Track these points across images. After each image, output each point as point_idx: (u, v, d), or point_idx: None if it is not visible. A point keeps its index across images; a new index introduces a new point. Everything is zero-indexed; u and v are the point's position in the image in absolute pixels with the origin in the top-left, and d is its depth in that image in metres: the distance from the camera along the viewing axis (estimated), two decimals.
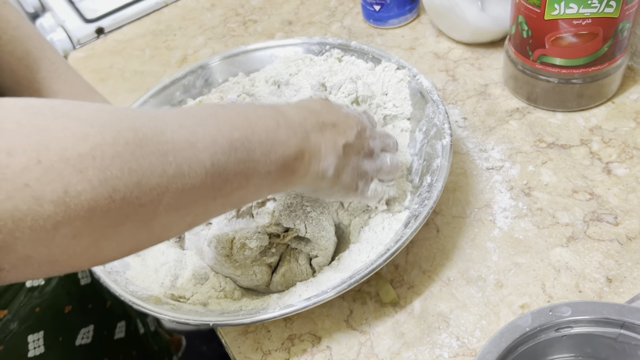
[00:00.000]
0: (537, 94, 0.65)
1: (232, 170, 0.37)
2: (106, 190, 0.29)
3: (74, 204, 0.28)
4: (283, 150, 0.41)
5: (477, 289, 0.52)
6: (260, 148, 0.39)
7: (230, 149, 0.37)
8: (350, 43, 0.67)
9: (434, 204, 0.49)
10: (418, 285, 0.53)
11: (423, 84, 0.59)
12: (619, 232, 0.53)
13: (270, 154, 0.40)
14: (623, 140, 0.61)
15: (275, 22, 0.91)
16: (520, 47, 0.63)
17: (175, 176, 0.33)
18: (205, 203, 0.37)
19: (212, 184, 0.36)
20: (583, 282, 0.50)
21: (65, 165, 0.28)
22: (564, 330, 0.39)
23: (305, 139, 0.43)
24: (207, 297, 0.52)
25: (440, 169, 0.52)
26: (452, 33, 0.77)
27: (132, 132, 0.31)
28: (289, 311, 0.45)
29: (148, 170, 0.31)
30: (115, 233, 0.31)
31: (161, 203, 0.32)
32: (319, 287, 0.48)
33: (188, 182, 0.34)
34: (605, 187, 0.57)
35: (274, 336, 0.52)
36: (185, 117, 0.36)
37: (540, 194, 0.58)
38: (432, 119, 0.56)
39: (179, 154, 0.33)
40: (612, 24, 0.57)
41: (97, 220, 0.29)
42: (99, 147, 0.29)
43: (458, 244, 0.55)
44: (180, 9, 1.00)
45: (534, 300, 0.50)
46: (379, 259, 0.46)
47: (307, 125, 0.44)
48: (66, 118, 0.29)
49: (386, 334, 0.51)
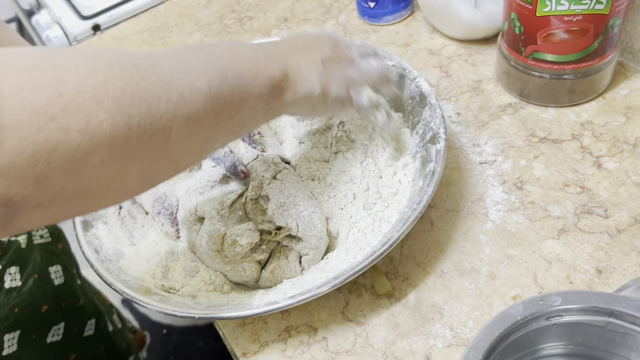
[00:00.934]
0: (529, 89, 0.66)
1: (227, 94, 0.40)
2: (123, 119, 0.31)
3: (97, 133, 0.30)
4: (268, 72, 0.44)
5: (470, 280, 0.53)
6: (247, 72, 0.42)
7: (221, 75, 0.40)
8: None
9: (423, 209, 0.49)
10: (412, 278, 0.54)
11: (422, 87, 0.59)
12: (609, 224, 0.54)
13: (257, 77, 0.43)
14: (613, 134, 0.62)
15: (271, 18, 0.92)
16: (513, 43, 0.64)
17: (179, 103, 0.35)
18: (209, 128, 0.39)
19: (213, 108, 0.38)
20: (574, 274, 0.51)
21: (84, 97, 0.30)
22: (554, 318, 0.40)
23: (284, 62, 0.46)
24: (197, 290, 0.53)
25: (433, 174, 0.52)
26: (445, 29, 0.78)
27: (134, 67, 0.34)
28: (272, 308, 0.46)
29: (155, 99, 0.33)
30: (136, 160, 0.33)
31: (172, 129, 0.35)
32: (304, 285, 0.49)
33: (192, 107, 0.36)
34: (596, 180, 0.58)
35: (271, 328, 0.53)
36: (174, 52, 0.39)
37: (532, 188, 0.59)
38: (428, 122, 0.57)
39: (178, 82, 0.36)
40: (603, 21, 0.58)
41: (120, 148, 0.31)
42: (109, 79, 0.31)
43: (452, 237, 0.56)
44: (176, 5, 1.01)
45: (525, 291, 0.51)
46: (365, 260, 0.46)
47: (281, 51, 0.47)
48: (75, 57, 0.32)
49: (381, 324, 0.51)
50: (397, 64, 0.62)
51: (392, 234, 0.48)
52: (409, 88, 0.61)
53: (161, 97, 0.34)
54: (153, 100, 0.33)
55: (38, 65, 0.30)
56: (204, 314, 0.47)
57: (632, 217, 0.54)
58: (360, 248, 0.51)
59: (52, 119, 0.28)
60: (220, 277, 0.54)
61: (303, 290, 0.46)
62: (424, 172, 0.54)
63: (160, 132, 0.34)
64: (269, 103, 0.45)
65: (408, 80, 0.61)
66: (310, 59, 0.48)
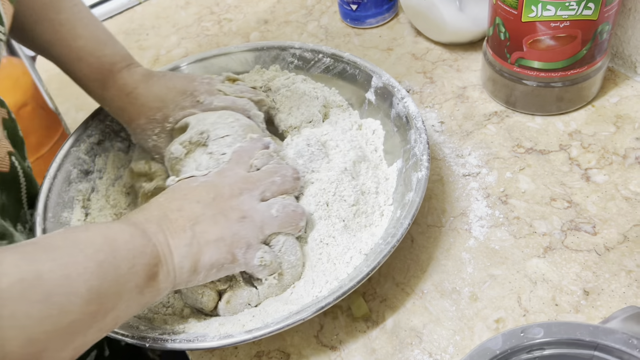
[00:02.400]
0: (515, 97, 0.64)
1: (104, 293, 0.38)
2: (10, 341, 0.31)
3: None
4: (143, 259, 0.41)
5: (451, 302, 0.50)
6: (125, 263, 0.40)
7: (99, 271, 0.38)
8: (343, 54, 0.63)
9: (397, 243, 0.46)
10: (391, 299, 0.51)
11: (409, 109, 0.56)
12: (597, 242, 0.52)
13: (134, 267, 0.40)
14: (602, 145, 0.59)
15: (251, 20, 0.89)
16: (498, 50, 0.62)
17: (59, 317, 0.34)
18: (85, 333, 0.37)
19: (89, 312, 0.37)
20: (560, 295, 0.49)
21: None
22: (535, 352, 0.37)
23: (155, 241, 0.43)
24: (154, 313, 0.50)
25: (411, 204, 0.49)
26: (430, 33, 0.75)
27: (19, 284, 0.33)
28: (227, 342, 0.43)
29: (37, 323, 0.33)
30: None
31: (47, 348, 0.33)
32: (265, 318, 0.46)
33: (70, 318, 0.35)
34: (584, 194, 0.55)
35: (241, 353, 0.50)
36: (52, 248, 0.37)
37: (517, 202, 0.56)
38: (412, 147, 0.54)
39: (59, 290, 0.34)
40: (591, 27, 0.55)
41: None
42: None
43: (433, 255, 0.54)
44: (154, 7, 0.97)
45: (509, 314, 0.48)
46: (330, 296, 0.44)
47: (151, 227, 0.43)
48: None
49: (357, 350, 0.49)
50: (386, 81, 0.59)
51: (362, 268, 0.46)
52: (396, 108, 0.58)
53: (43, 320, 0.33)
54: (34, 326, 0.33)
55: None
56: (153, 344, 0.44)
57: (621, 234, 0.52)
58: (327, 281, 0.48)
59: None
60: (179, 301, 0.51)
61: (262, 325, 0.44)
62: (403, 201, 0.51)
63: (31, 356, 0.33)
64: (143, 292, 0.41)
65: (396, 100, 0.58)
66: (181, 228, 0.44)
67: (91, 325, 0.37)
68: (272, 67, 0.66)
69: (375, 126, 0.60)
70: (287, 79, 0.63)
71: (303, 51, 0.66)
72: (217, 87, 0.58)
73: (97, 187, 0.62)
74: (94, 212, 0.60)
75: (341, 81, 0.64)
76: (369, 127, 0.60)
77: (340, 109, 0.62)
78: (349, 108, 0.63)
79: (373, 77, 0.61)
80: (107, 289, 0.38)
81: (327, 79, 0.65)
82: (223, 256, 0.45)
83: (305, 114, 0.60)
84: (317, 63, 0.65)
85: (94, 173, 0.62)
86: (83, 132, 0.63)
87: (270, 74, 0.65)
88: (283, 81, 0.63)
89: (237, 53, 0.68)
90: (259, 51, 0.67)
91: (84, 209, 0.59)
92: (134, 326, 0.47)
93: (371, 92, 0.61)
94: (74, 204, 0.59)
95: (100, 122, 0.64)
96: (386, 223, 0.52)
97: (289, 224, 0.48)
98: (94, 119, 0.64)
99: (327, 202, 0.53)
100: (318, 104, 0.61)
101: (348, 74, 0.63)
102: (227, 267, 0.46)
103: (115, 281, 0.38)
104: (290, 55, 0.66)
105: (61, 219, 0.57)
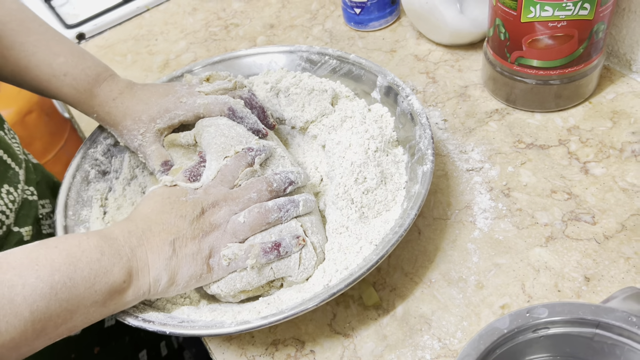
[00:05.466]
0: (515, 95, 0.66)
1: (54, 311, 0.41)
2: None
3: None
4: (108, 278, 0.44)
5: (458, 290, 0.52)
6: (83, 283, 0.43)
7: (50, 293, 0.41)
8: (349, 56, 0.66)
9: (404, 232, 0.49)
10: (400, 288, 0.54)
11: (414, 106, 0.58)
12: (597, 231, 0.54)
13: (94, 286, 0.43)
14: (600, 139, 0.62)
15: (257, 25, 0.91)
16: (498, 49, 0.64)
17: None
18: (27, 346, 0.41)
19: (33, 330, 0.40)
20: (562, 282, 0.51)
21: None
22: (541, 331, 0.40)
23: (131, 257, 0.46)
24: (172, 304, 0.52)
25: (417, 196, 0.51)
26: (431, 35, 0.78)
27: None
28: (244, 328, 0.46)
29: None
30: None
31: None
32: (279, 305, 0.48)
33: (7, 337, 0.39)
34: (583, 186, 0.58)
35: (258, 341, 0.52)
36: (6, 268, 0.41)
37: (519, 195, 0.58)
38: (417, 142, 0.56)
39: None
40: (587, 26, 0.58)
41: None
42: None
43: (439, 246, 0.56)
44: (161, 13, 1.00)
45: (514, 300, 0.51)
46: (341, 283, 0.46)
47: (132, 241, 0.47)
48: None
49: (369, 336, 0.51)
50: (391, 80, 0.61)
51: (371, 257, 0.48)
52: (401, 105, 0.60)
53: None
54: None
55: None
56: (173, 330, 0.47)
57: (619, 224, 0.54)
58: (337, 269, 0.50)
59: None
60: (194, 291, 0.54)
61: (277, 311, 0.46)
62: (409, 193, 0.53)
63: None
64: (107, 305, 0.45)
65: (400, 98, 0.60)
66: (161, 244, 0.47)
67: (37, 338, 0.41)
68: (279, 69, 0.69)
69: (383, 111, 0.62)
70: (294, 77, 0.66)
71: (310, 54, 0.68)
72: (197, 89, 0.61)
73: (114, 187, 0.64)
74: (111, 210, 0.62)
75: (347, 81, 0.66)
76: (377, 112, 0.62)
77: (348, 99, 0.65)
78: (356, 98, 0.65)
79: (378, 77, 0.63)
80: (57, 308, 0.41)
81: (333, 80, 0.67)
82: (200, 267, 0.49)
83: (317, 109, 0.63)
84: (323, 65, 0.68)
85: (110, 173, 0.65)
86: (99, 134, 0.65)
87: (277, 75, 0.67)
88: (290, 80, 0.65)
89: (246, 57, 0.70)
90: (272, 54, 0.70)
91: (102, 208, 0.61)
92: (154, 316, 0.49)
93: (376, 92, 0.63)
94: (93, 203, 0.61)
95: None
96: (399, 209, 0.54)
97: (259, 225, 0.50)
98: None
99: (346, 191, 0.55)
100: (328, 96, 0.63)
101: (354, 75, 0.66)
102: (205, 277, 0.49)
103: (67, 301, 0.42)
104: (298, 57, 0.69)
105: (81, 217, 0.59)
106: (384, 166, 0.57)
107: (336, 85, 0.66)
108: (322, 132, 0.62)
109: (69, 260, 0.43)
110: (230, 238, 0.50)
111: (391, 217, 0.53)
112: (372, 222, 0.54)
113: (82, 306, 0.43)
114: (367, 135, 0.58)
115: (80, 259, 0.43)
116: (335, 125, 0.61)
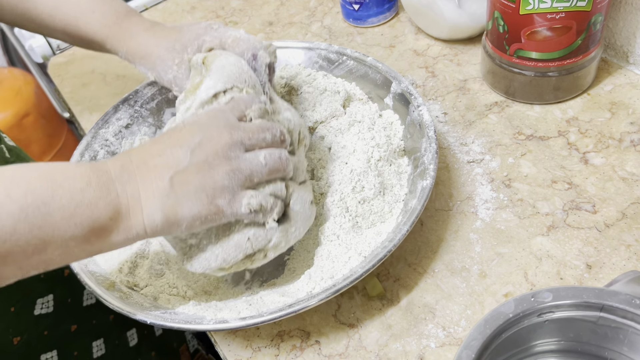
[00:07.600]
0: (514, 87, 0.67)
1: (22, 236, 0.37)
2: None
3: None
4: (91, 212, 0.40)
5: (461, 279, 0.53)
6: (60, 212, 0.39)
7: (20, 214, 0.37)
8: (366, 58, 0.65)
9: (394, 248, 0.48)
10: (404, 278, 0.54)
11: (424, 117, 0.57)
12: (597, 219, 0.55)
13: (74, 218, 0.39)
14: (599, 130, 0.62)
15: (256, 23, 0.92)
16: (497, 42, 0.65)
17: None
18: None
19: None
20: (564, 270, 0.52)
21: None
22: (545, 315, 0.40)
23: (121, 194, 0.42)
24: (159, 292, 0.53)
25: (412, 212, 0.51)
26: (430, 30, 0.79)
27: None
28: (221, 327, 0.46)
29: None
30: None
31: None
32: (260, 307, 0.49)
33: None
34: (583, 176, 0.58)
35: (264, 333, 0.53)
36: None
37: (520, 185, 0.59)
38: (422, 155, 0.56)
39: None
40: (585, 18, 0.58)
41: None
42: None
43: (442, 237, 0.56)
44: (160, 11, 1.00)
45: (517, 288, 0.51)
46: (322, 294, 0.46)
47: (124, 176, 0.42)
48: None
49: (374, 326, 0.51)
50: (405, 88, 0.61)
51: (357, 269, 0.48)
52: (412, 115, 0.59)
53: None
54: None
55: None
56: (154, 321, 0.47)
57: (619, 212, 0.55)
58: (322, 277, 0.50)
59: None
60: (183, 282, 0.54)
61: (256, 314, 0.46)
62: (407, 207, 0.53)
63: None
64: (91, 243, 0.41)
65: (412, 107, 0.59)
66: (156, 179, 0.42)
67: (4, 264, 0.38)
68: (297, 65, 0.69)
69: (393, 119, 0.62)
70: (308, 75, 0.66)
71: (328, 52, 0.68)
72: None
73: None
74: None
75: (363, 83, 0.66)
76: (387, 119, 0.62)
77: (361, 102, 0.65)
78: (369, 102, 0.65)
79: (393, 82, 0.62)
80: (27, 234, 0.37)
81: (349, 81, 0.67)
82: (205, 208, 0.43)
83: (328, 110, 0.62)
84: (340, 65, 0.67)
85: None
86: (113, 115, 0.66)
87: (294, 70, 0.67)
88: (304, 78, 0.65)
89: (302, 50, 0.70)
90: (291, 49, 0.70)
91: None
92: (139, 303, 0.50)
93: (389, 98, 0.63)
94: None
95: (130, 107, 0.67)
96: (394, 222, 0.54)
97: (277, 171, 0.46)
98: (125, 103, 0.67)
99: (342, 198, 0.55)
100: (340, 98, 0.63)
101: (370, 78, 0.65)
102: (212, 219, 0.44)
103: (39, 228, 0.38)
104: (316, 55, 0.69)
105: None
106: (385, 176, 0.57)
107: (351, 87, 0.66)
108: (329, 134, 0.62)
109: (47, 185, 0.39)
110: (244, 179, 0.44)
111: (384, 230, 0.53)
112: (364, 232, 0.54)
113: (57, 237, 0.39)
114: (373, 143, 0.58)
115: (61, 185, 0.39)
116: (342, 129, 0.61)
